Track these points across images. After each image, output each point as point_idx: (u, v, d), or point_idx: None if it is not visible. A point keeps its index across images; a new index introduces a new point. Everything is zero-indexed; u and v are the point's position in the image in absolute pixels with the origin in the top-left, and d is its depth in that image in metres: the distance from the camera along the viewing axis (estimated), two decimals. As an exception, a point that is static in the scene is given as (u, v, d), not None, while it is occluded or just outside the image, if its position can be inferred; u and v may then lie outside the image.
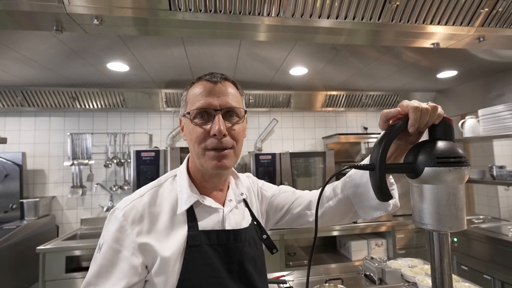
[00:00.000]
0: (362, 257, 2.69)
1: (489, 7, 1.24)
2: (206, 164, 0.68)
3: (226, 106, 0.68)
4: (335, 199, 0.83)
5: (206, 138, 0.67)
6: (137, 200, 0.69)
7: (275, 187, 0.95)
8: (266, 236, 0.79)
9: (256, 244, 0.76)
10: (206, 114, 0.68)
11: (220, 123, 0.65)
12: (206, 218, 0.70)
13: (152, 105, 3.04)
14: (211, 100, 0.67)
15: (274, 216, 0.92)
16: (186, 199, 0.69)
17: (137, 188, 2.39)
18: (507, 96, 2.60)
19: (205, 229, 0.68)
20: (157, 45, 1.89)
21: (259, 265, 0.75)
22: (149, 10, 1.16)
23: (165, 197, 0.71)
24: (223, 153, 0.67)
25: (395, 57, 2.28)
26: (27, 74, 2.37)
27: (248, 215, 0.80)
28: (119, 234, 0.63)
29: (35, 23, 1.26)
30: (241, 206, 0.80)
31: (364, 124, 3.64)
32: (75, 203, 2.95)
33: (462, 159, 0.51)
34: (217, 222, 0.71)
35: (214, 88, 0.69)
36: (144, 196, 0.70)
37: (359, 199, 0.78)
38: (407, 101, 0.57)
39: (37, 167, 2.91)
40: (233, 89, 0.72)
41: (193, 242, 0.66)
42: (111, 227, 0.65)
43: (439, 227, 0.52)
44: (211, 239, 0.68)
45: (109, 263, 0.61)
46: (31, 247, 2.23)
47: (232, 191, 0.80)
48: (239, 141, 0.71)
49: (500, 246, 2.10)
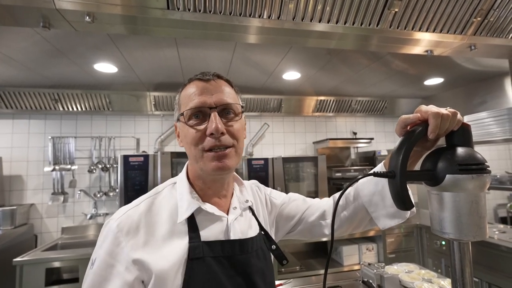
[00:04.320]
0: (353, 262, 2.72)
1: (481, 16, 1.28)
2: (206, 166, 0.63)
3: (222, 103, 0.64)
4: (349, 209, 0.80)
5: (203, 139, 0.62)
6: (132, 209, 0.63)
7: (284, 195, 0.91)
8: (276, 246, 0.74)
9: (265, 255, 0.71)
10: (201, 113, 0.63)
11: (217, 120, 0.61)
12: (208, 227, 0.65)
13: (140, 108, 2.94)
14: (205, 98, 0.63)
15: (284, 226, 0.87)
16: (187, 207, 0.64)
17: (124, 194, 2.30)
18: (489, 104, 2.71)
19: (208, 240, 0.63)
20: (149, 45, 1.83)
21: (269, 278, 0.69)
22: (145, 8, 1.11)
23: (163, 206, 0.66)
24: (223, 152, 0.62)
25: (384, 64, 2.33)
26: (4, 74, 2.23)
27: (255, 224, 0.75)
28: (112, 247, 0.58)
29: (18, 19, 1.18)
30: (247, 214, 0.75)
31: (353, 129, 3.69)
32: (56, 210, 2.78)
33: (484, 166, 0.50)
34: (221, 231, 0.66)
35: (207, 86, 0.65)
36: (140, 205, 0.65)
37: (375, 207, 0.75)
38: (425, 106, 0.55)
39: (14, 173, 2.73)
40: (227, 86, 0.68)
41: (195, 255, 0.60)
42: (104, 240, 0.60)
43: (461, 236, 0.51)
44: (214, 251, 0.62)
45: (101, 278, 0.56)
46: (7, 259, 2.07)
47: (237, 198, 0.75)
48: (239, 139, 0.66)
49: (486, 248, 2.16)
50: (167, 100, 2.93)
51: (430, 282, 1.32)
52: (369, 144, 3.37)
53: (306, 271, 2.54)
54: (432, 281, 1.34)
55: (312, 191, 2.83)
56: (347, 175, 3.07)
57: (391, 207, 0.71)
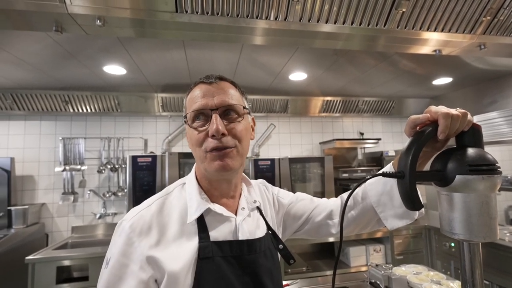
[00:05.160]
0: (360, 263, 2.70)
1: (491, 15, 1.26)
2: (209, 167, 0.65)
3: (223, 104, 0.65)
4: (357, 208, 0.80)
5: (205, 140, 0.64)
6: (144, 210, 0.65)
7: (292, 194, 0.92)
8: (283, 246, 0.75)
9: (273, 255, 0.72)
10: (203, 115, 0.65)
11: (217, 122, 0.62)
12: (217, 227, 0.67)
13: (148, 109, 2.98)
14: (207, 100, 0.65)
15: (292, 225, 0.88)
16: (196, 207, 0.65)
17: (132, 194, 2.33)
18: (500, 103, 2.66)
19: (217, 240, 0.65)
20: (157, 47, 1.86)
21: (276, 277, 0.70)
22: (154, 11, 1.13)
23: (174, 206, 0.67)
24: (225, 151, 0.64)
25: (391, 64, 2.31)
26: (18, 76, 2.29)
27: (263, 224, 0.76)
28: (126, 247, 0.60)
29: (32, 23, 1.21)
30: (255, 214, 0.76)
31: (360, 130, 3.67)
32: (66, 210, 2.84)
33: (495, 167, 0.50)
34: (230, 232, 0.67)
35: (209, 89, 0.66)
36: (152, 205, 0.66)
37: (383, 207, 0.75)
38: (435, 106, 0.55)
39: (26, 173, 2.79)
40: (231, 87, 0.69)
41: (205, 254, 0.62)
42: (118, 240, 0.62)
43: (472, 237, 0.50)
44: (223, 251, 0.64)
45: (116, 278, 0.58)
46: (19, 257, 2.12)
47: (245, 198, 0.76)
48: (242, 140, 0.67)
49: (497, 250, 2.13)
50: (174, 101, 2.96)
51: (439, 284, 1.31)
52: (376, 145, 3.34)
53: (313, 271, 2.53)
54: (441, 283, 1.32)
55: (318, 191, 2.82)
56: (354, 176, 3.06)
57: (399, 207, 0.71)
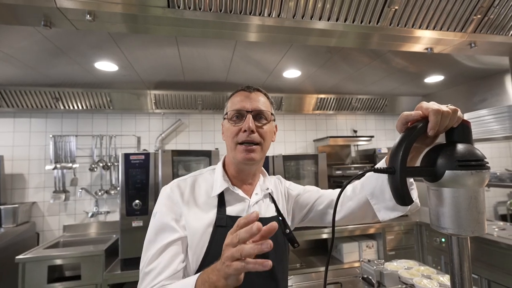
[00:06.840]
0: (353, 259, 2.73)
1: (481, 14, 1.28)
2: (237, 156, 0.81)
3: (256, 109, 0.83)
4: (355, 199, 0.88)
5: (238, 134, 0.81)
6: (181, 181, 0.86)
7: (301, 187, 1.04)
8: (289, 230, 0.88)
9: (277, 236, 0.82)
10: (240, 115, 0.82)
11: (250, 121, 0.80)
12: (233, 205, 0.84)
13: (141, 107, 2.95)
14: (245, 104, 0.83)
15: (299, 214, 1.00)
16: (219, 185, 0.84)
17: (125, 192, 2.30)
18: (490, 101, 2.71)
19: (231, 214, 0.81)
20: (149, 43, 1.83)
21: (281, 256, 0.84)
22: (146, 7, 1.11)
23: (203, 182, 0.87)
24: (252, 147, 0.80)
25: (384, 62, 2.33)
26: (6, 73, 2.24)
27: (273, 209, 0.91)
28: (168, 201, 0.80)
29: (20, 18, 1.18)
30: (267, 200, 0.91)
31: (353, 127, 3.70)
32: (57, 209, 2.80)
33: (483, 162, 0.50)
34: (243, 210, 0.84)
35: (248, 95, 0.85)
36: (187, 179, 0.87)
37: (376, 200, 0.82)
38: (426, 103, 0.56)
39: (15, 171, 2.74)
40: (263, 97, 0.87)
41: (220, 223, 0.79)
42: (161, 199, 0.82)
43: (460, 231, 0.51)
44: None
45: (162, 224, 0.77)
46: (9, 256, 2.09)
47: (259, 186, 0.92)
48: (266, 139, 0.83)
49: (485, 245, 2.18)
50: (167, 98, 2.93)
51: (429, 278, 1.33)
52: (369, 142, 3.37)
53: (307, 268, 2.55)
54: (431, 277, 1.35)
55: (312, 189, 2.84)
56: (347, 173, 3.08)
57: (390, 200, 0.78)
